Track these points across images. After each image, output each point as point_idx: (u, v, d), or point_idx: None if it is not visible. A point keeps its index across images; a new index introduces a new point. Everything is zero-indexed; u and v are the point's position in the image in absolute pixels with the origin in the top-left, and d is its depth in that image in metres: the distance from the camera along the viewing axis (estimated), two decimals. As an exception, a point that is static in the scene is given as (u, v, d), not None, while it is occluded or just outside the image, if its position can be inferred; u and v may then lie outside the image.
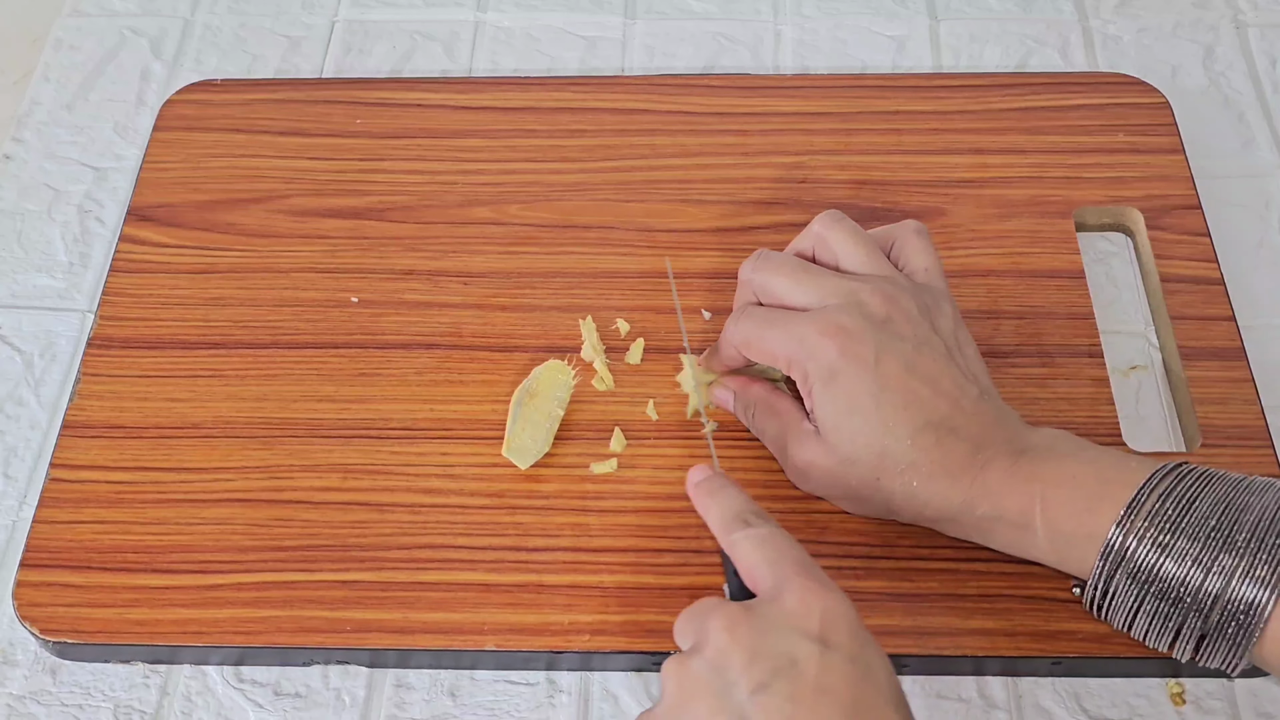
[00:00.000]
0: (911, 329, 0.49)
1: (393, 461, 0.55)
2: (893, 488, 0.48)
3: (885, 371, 0.47)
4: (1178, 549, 0.44)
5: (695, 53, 0.73)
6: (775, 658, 0.40)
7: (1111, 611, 0.46)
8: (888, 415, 0.47)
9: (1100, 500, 0.45)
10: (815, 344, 0.48)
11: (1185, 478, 0.45)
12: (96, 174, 0.68)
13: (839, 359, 0.48)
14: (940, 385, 0.48)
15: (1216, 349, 0.57)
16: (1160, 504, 0.44)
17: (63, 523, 0.54)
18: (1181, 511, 0.44)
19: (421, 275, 0.61)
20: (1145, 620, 0.45)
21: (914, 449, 0.47)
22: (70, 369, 0.61)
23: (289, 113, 0.67)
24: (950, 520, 0.48)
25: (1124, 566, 0.45)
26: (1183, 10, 0.74)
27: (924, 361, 0.48)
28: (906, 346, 0.48)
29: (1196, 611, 0.44)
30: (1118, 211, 0.63)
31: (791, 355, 0.49)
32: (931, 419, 0.47)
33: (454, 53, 0.73)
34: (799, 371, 0.49)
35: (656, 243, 0.62)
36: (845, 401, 0.48)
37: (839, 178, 0.64)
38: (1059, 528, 0.46)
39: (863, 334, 0.48)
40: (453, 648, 0.51)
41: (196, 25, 0.75)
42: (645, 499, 0.54)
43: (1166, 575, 0.44)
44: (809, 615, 0.41)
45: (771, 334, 0.50)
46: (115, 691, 0.52)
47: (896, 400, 0.47)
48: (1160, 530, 0.44)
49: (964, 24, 0.74)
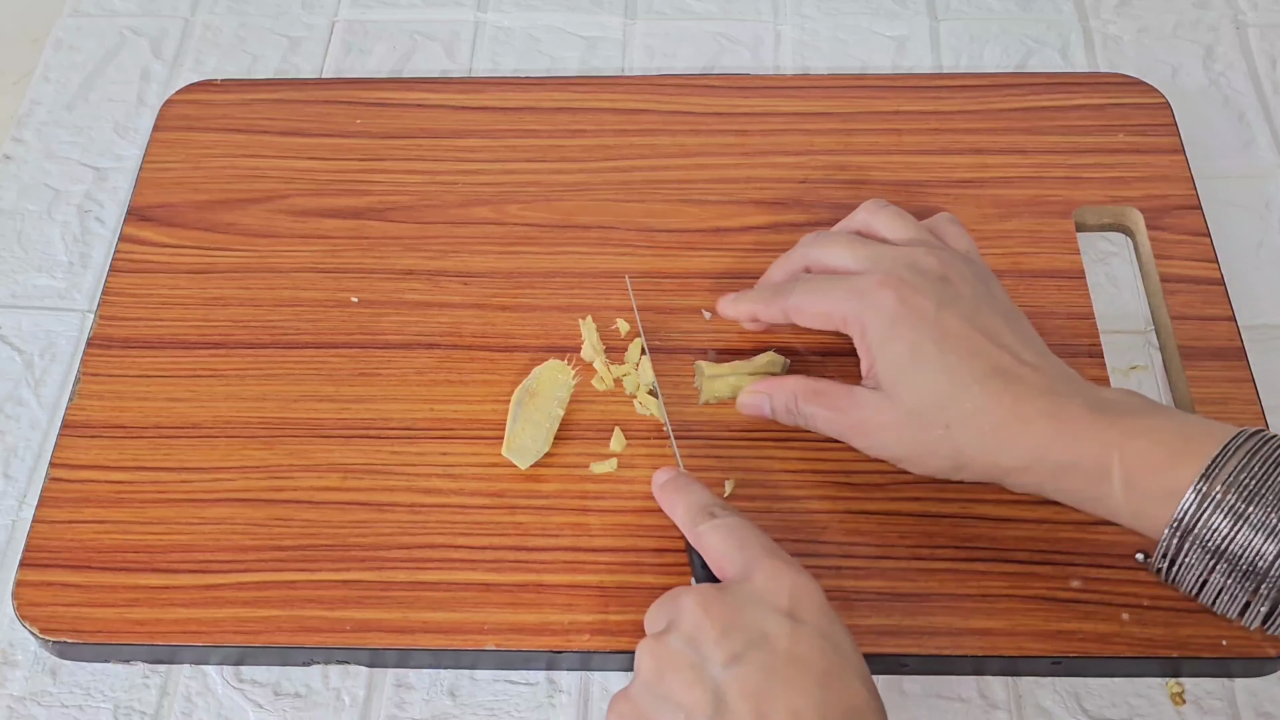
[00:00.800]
0: (970, 289, 0.50)
1: (393, 461, 0.55)
2: (964, 435, 0.47)
3: (946, 321, 0.48)
4: (1254, 515, 0.43)
5: (695, 53, 0.73)
6: (748, 631, 0.42)
7: (1181, 575, 0.45)
8: (952, 362, 0.47)
9: (1182, 455, 0.44)
10: (875, 295, 0.49)
11: (1268, 443, 0.44)
12: (96, 174, 0.68)
13: (899, 308, 0.48)
14: (1001, 339, 0.48)
15: (1216, 349, 0.57)
16: (1244, 462, 0.43)
17: (63, 523, 0.54)
18: (1262, 476, 0.43)
19: (422, 275, 0.61)
20: (1217, 584, 0.44)
21: (983, 394, 0.47)
22: (70, 369, 0.61)
23: (289, 113, 0.67)
24: (1023, 468, 0.47)
25: (1199, 528, 0.43)
26: (1183, 10, 0.74)
27: (983, 317, 0.49)
28: (965, 303, 0.49)
29: (1272, 579, 0.43)
30: (1118, 211, 0.63)
31: (850, 311, 0.50)
32: (997, 366, 0.47)
33: (454, 53, 0.73)
34: (857, 326, 0.49)
35: (656, 243, 0.62)
36: (908, 350, 0.48)
37: (839, 178, 0.64)
38: (1137, 480, 0.45)
39: (922, 286, 0.49)
40: (453, 647, 0.51)
41: (196, 25, 0.75)
42: (645, 499, 0.54)
43: (1243, 541, 0.43)
44: (779, 592, 0.43)
45: (830, 293, 0.51)
46: (115, 692, 0.52)
47: (959, 348, 0.48)
48: (1239, 493, 0.43)
49: (964, 24, 0.74)
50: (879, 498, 0.53)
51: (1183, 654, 0.49)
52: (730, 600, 0.43)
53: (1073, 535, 0.52)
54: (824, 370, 0.56)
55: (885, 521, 0.53)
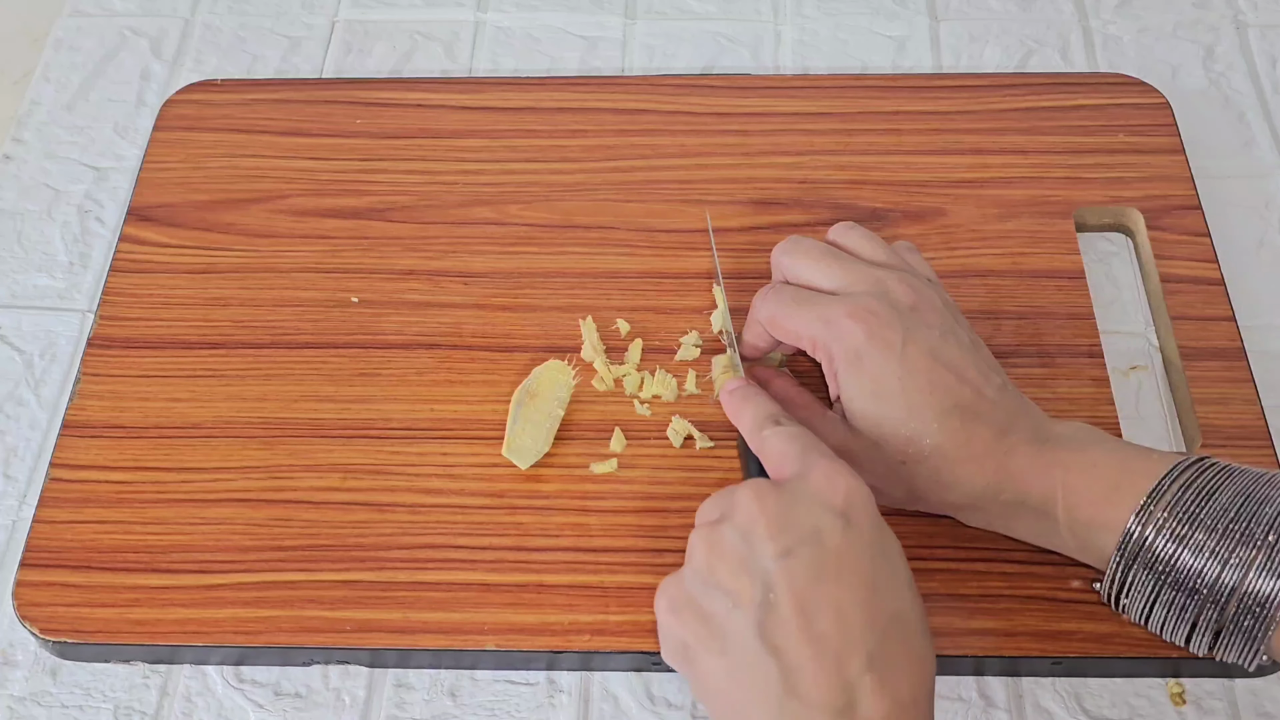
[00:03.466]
0: (937, 318, 0.50)
1: (393, 461, 0.55)
2: (918, 472, 0.48)
3: (911, 356, 0.48)
4: (1195, 541, 0.44)
5: (695, 53, 0.73)
6: (800, 527, 0.42)
7: (1129, 604, 0.46)
8: (913, 399, 0.48)
9: (1121, 489, 0.45)
10: (842, 326, 0.49)
11: (1206, 471, 0.45)
12: (96, 174, 0.68)
13: (865, 342, 0.48)
14: (964, 373, 0.48)
15: (1216, 349, 0.57)
16: (1180, 495, 0.44)
17: (63, 523, 0.54)
18: (1200, 503, 0.44)
19: (422, 275, 0.61)
20: (1162, 612, 0.45)
21: (940, 432, 0.47)
22: (70, 369, 0.61)
23: (289, 113, 0.67)
24: (973, 508, 0.49)
25: (1141, 557, 0.45)
26: (1183, 10, 0.74)
27: (948, 350, 0.49)
28: (933, 334, 0.49)
29: (1213, 604, 0.44)
30: (1118, 211, 0.63)
31: (817, 336, 0.50)
32: (958, 403, 0.48)
33: (454, 53, 0.73)
34: (824, 353, 0.50)
35: (656, 243, 0.62)
36: (870, 385, 0.48)
37: (839, 178, 0.64)
38: (1079, 515, 0.46)
39: (890, 319, 0.49)
40: (453, 648, 0.51)
41: (196, 25, 0.75)
42: (645, 499, 0.54)
43: (1183, 567, 0.44)
44: (834, 492, 0.43)
45: (799, 314, 0.51)
46: (115, 692, 0.52)
47: (922, 384, 0.48)
48: (1179, 521, 0.44)
49: (964, 24, 0.74)
50: (879, 498, 0.53)
51: (1183, 654, 0.49)
52: (785, 496, 0.43)
53: (1073, 535, 0.52)
54: None
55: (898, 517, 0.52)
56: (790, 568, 0.41)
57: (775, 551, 0.42)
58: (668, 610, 0.44)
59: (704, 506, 0.46)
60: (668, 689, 0.51)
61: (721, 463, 0.54)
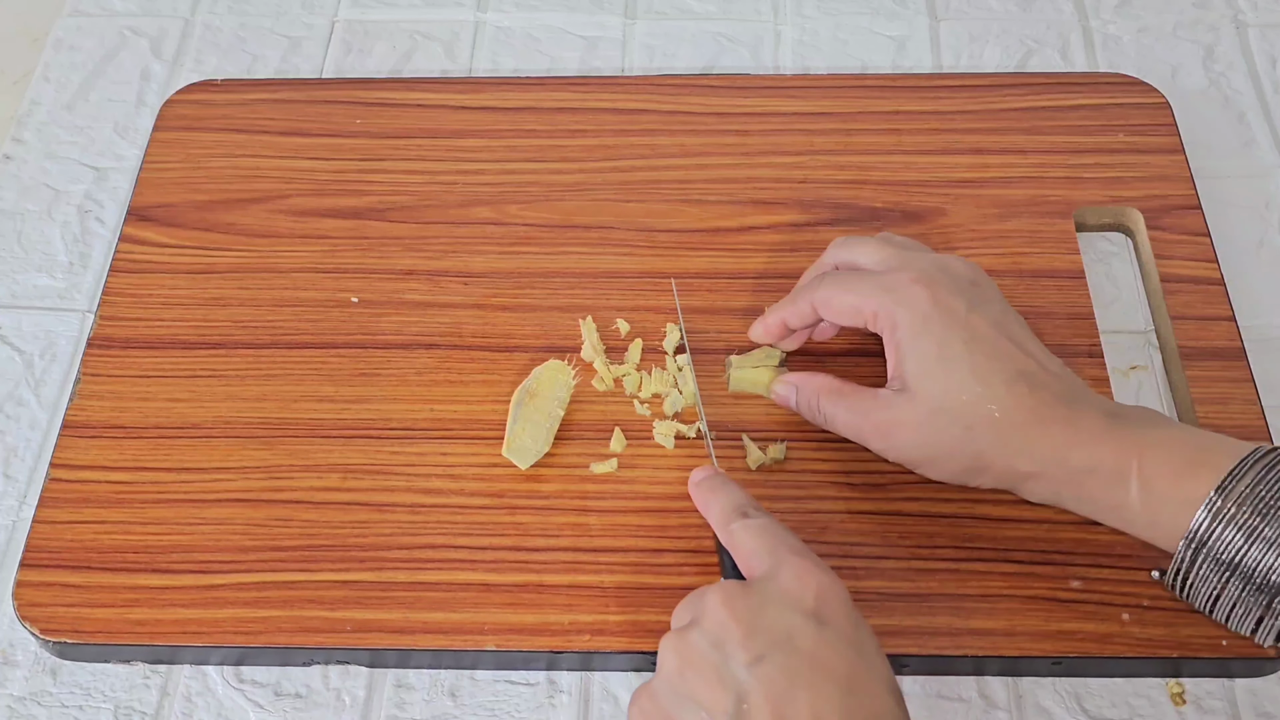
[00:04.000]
0: (996, 296, 0.51)
1: (393, 461, 0.55)
2: (985, 438, 0.48)
3: (975, 323, 0.49)
4: (1266, 533, 0.43)
5: (695, 53, 0.73)
6: (772, 631, 0.41)
7: (1193, 592, 0.46)
8: (979, 362, 0.48)
9: (1199, 466, 0.45)
10: (908, 291, 0.49)
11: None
12: (96, 174, 0.68)
13: (931, 307, 0.49)
14: (1026, 347, 0.49)
15: (1216, 349, 0.57)
16: (1258, 480, 0.44)
17: (63, 523, 0.54)
18: (1275, 494, 0.43)
19: (422, 275, 0.61)
20: (1229, 602, 0.45)
21: (1008, 395, 0.47)
22: (70, 369, 0.61)
23: (289, 113, 0.67)
24: (1039, 475, 0.48)
25: (1213, 540, 0.44)
26: (1183, 10, 0.74)
27: (1011, 324, 0.50)
28: (994, 307, 0.50)
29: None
30: (1118, 211, 0.63)
31: (881, 305, 0.50)
32: (1023, 371, 0.48)
33: (454, 53, 0.73)
34: (888, 321, 0.50)
35: (656, 243, 0.62)
36: (936, 348, 0.48)
37: (839, 178, 0.64)
38: (1155, 486, 0.45)
39: (953, 287, 0.49)
40: (453, 648, 0.51)
41: (196, 25, 0.75)
42: (645, 499, 0.54)
43: (1256, 555, 0.43)
44: (804, 592, 0.42)
45: (859, 286, 0.51)
46: (115, 692, 0.52)
47: (988, 350, 0.48)
48: (1252, 511, 0.43)
49: (964, 24, 0.74)
50: (879, 498, 0.53)
51: (1183, 654, 0.49)
52: (755, 598, 0.42)
53: (1073, 535, 0.52)
54: (854, 371, 0.56)
55: (885, 521, 0.53)
56: (763, 675, 0.40)
57: (747, 659, 0.41)
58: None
59: (677, 610, 0.45)
60: (668, 689, 0.51)
61: (721, 463, 0.54)
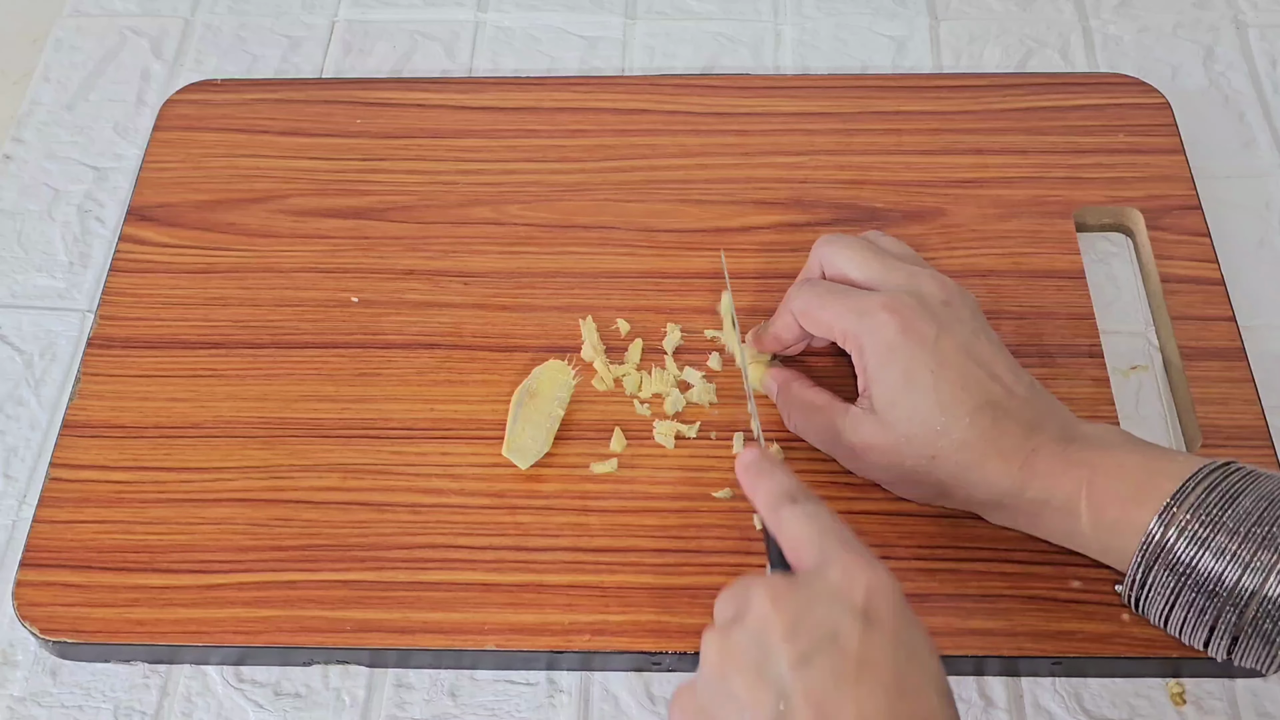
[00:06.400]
0: (969, 316, 0.50)
1: (393, 461, 0.55)
2: (946, 468, 0.48)
3: (944, 350, 0.48)
4: (1216, 544, 0.44)
5: (695, 53, 0.73)
6: (817, 629, 0.39)
7: (1148, 605, 0.46)
8: (944, 393, 0.48)
9: (1145, 491, 0.45)
10: (877, 319, 0.49)
11: (1231, 475, 0.45)
12: (96, 174, 0.68)
13: (899, 335, 0.48)
14: (995, 370, 0.49)
15: (1216, 349, 0.57)
16: (1204, 498, 0.44)
17: (63, 523, 0.54)
18: (1223, 506, 0.44)
19: (422, 275, 0.61)
20: (1181, 614, 0.45)
21: (971, 428, 0.47)
22: (70, 369, 0.61)
23: (289, 113, 0.67)
24: (998, 505, 0.49)
25: (1162, 559, 0.45)
26: (1183, 10, 0.74)
27: (980, 347, 0.49)
28: (965, 330, 0.49)
29: (1232, 607, 0.44)
30: (1118, 211, 0.63)
31: (849, 328, 0.50)
32: (989, 399, 0.48)
33: (454, 53, 0.73)
34: (855, 344, 0.50)
35: (656, 243, 0.62)
36: (902, 377, 0.48)
37: (839, 178, 0.64)
38: (1103, 515, 0.46)
39: (924, 313, 0.49)
40: (453, 647, 0.51)
41: (196, 25, 0.75)
42: (645, 499, 0.54)
43: (1204, 570, 0.44)
44: (853, 589, 0.40)
45: (832, 305, 0.51)
46: (115, 692, 0.52)
47: (954, 378, 0.48)
48: (1201, 524, 0.44)
49: (964, 24, 0.74)
50: (879, 498, 0.53)
51: (1183, 654, 0.49)
52: (801, 594, 0.40)
53: (1073, 535, 0.52)
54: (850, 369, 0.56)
55: (885, 521, 0.53)
56: (807, 676, 0.38)
57: (791, 659, 0.39)
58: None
59: (719, 601, 0.43)
60: (667, 689, 0.51)
61: (721, 463, 0.54)
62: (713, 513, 0.53)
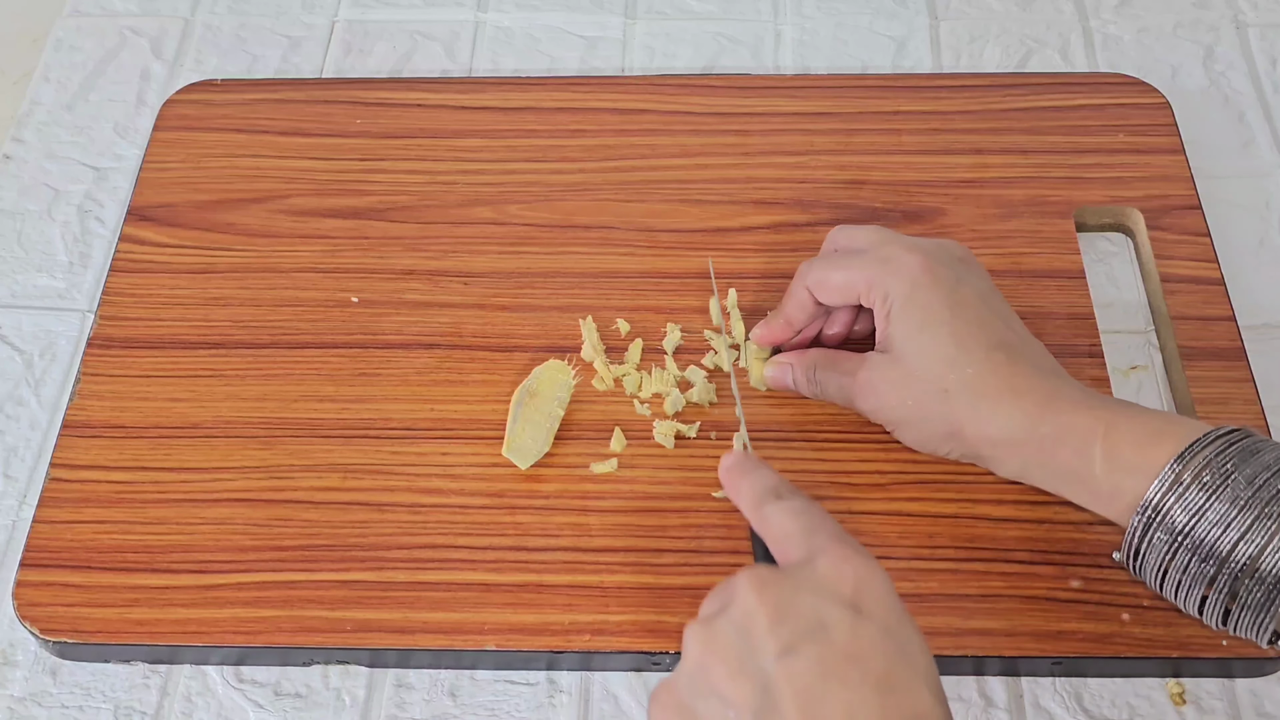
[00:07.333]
0: (985, 276, 0.53)
1: (393, 461, 0.55)
2: (961, 401, 0.49)
3: (963, 294, 0.50)
4: (1218, 508, 0.43)
5: (695, 53, 0.73)
6: (804, 620, 0.38)
7: (1145, 564, 0.46)
8: (961, 328, 0.49)
9: (1164, 435, 0.45)
10: (901, 260, 0.51)
11: (1237, 443, 0.45)
12: (96, 174, 0.68)
13: (923, 273, 0.50)
14: (1011, 322, 0.51)
15: (1216, 349, 0.57)
16: (1211, 458, 0.44)
17: (63, 523, 0.54)
18: (1224, 473, 0.43)
19: (422, 275, 0.61)
20: (1175, 576, 0.45)
21: (985, 362, 0.49)
22: (70, 369, 0.61)
23: (289, 113, 0.67)
24: (1010, 443, 0.49)
25: (1161, 517, 0.44)
26: (1183, 10, 0.74)
27: (996, 301, 0.51)
28: (983, 284, 0.52)
29: (1228, 574, 0.43)
30: (1118, 211, 0.63)
31: (874, 275, 0.51)
32: (1004, 341, 0.49)
33: (454, 53, 0.73)
34: (880, 291, 0.51)
35: (656, 243, 0.62)
36: (921, 315, 0.50)
37: (839, 178, 0.64)
38: (1119, 454, 0.46)
39: (946, 260, 0.51)
40: (453, 647, 0.51)
41: (196, 25, 0.75)
42: (645, 499, 0.54)
43: (1203, 531, 0.43)
44: (841, 580, 0.39)
45: (852, 263, 0.52)
46: (115, 692, 0.52)
47: (971, 318, 0.49)
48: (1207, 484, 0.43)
49: (964, 24, 0.74)
50: (879, 498, 0.53)
51: (1183, 654, 0.49)
52: (788, 584, 0.39)
53: (1073, 535, 0.52)
54: None
55: (885, 521, 0.53)
56: (792, 669, 0.37)
57: (776, 649, 0.37)
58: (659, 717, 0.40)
59: (707, 599, 0.41)
60: (668, 689, 0.51)
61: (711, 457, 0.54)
62: (713, 513, 0.53)
